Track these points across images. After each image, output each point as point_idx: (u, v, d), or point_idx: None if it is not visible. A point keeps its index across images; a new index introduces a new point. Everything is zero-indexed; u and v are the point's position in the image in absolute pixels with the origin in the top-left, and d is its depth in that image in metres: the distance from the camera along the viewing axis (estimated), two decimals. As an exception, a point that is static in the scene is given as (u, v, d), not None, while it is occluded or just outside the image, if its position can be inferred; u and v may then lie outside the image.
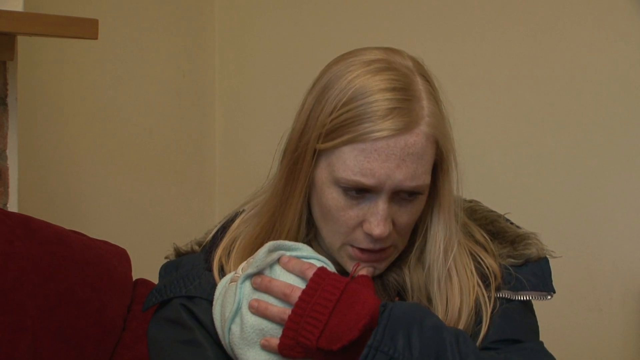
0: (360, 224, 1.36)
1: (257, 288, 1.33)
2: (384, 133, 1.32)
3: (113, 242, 2.05)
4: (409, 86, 1.36)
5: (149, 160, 2.85)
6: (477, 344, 1.39)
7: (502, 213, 1.54)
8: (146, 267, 2.05)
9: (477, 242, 1.47)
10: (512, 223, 1.52)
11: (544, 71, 2.58)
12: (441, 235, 1.41)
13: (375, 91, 1.34)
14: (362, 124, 1.33)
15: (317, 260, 1.35)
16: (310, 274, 1.31)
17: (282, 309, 1.30)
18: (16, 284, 1.81)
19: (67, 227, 2.01)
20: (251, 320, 1.32)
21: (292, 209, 1.40)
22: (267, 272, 1.34)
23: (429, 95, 1.37)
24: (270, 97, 2.96)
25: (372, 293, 1.31)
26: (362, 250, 1.37)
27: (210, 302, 1.39)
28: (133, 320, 1.96)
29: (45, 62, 2.53)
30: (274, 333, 1.31)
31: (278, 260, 1.35)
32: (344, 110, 1.34)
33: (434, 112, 1.36)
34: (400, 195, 1.35)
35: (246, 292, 1.34)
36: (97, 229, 2.39)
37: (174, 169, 2.94)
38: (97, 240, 2.02)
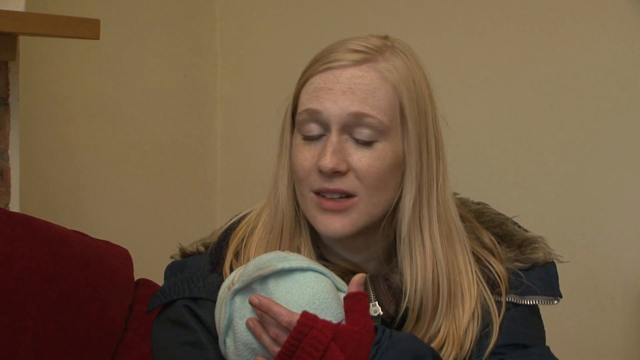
0: (316, 164, 1.37)
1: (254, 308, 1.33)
2: (332, 65, 1.37)
3: (114, 242, 2.05)
4: (378, 47, 1.39)
5: (150, 161, 2.85)
6: (488, 349, 1.39)
7: (510, 216, 1.53)
8: (148, 267, 2.05)
9: (484, 246, 1.46)
10: (519, 226, 1.51)
11: (546, 71, 2.58)
12: (407, 207, 1.38)
13: (335, 42, 1.41)
14: (312, 65, 1.40)
15: (313, 272, 1.33)
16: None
17: (272, 345, 1.29)
18: (17, 284, 1.81)
19: (69, 227, 2.01)
20: (243, 337, 1.32)
21: (283, 190, 1.41)
22: (257, 287, 1.32)
23: (400, 60, 1.39)
24: (271, 98, 2.94)
25: (365, 319, 1.30)
26: (321, 195, 1.36)
27: (214, 302, 1.39)
28: (134, 321, 1.96)
29: (47, 62, 2.53)
30: (266, 354, 1.31)
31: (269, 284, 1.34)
32: (307, 65, 1.41)
33: (399, 68, 1.38)
34: (353, 138, 1.36)
35: (236, 307, 1.33)
36: (98, 229, 2.39)
37: (175, 169, 2.94)
38: (98, 240, 2.02)
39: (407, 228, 1.39)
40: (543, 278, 1.45)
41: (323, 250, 1.44)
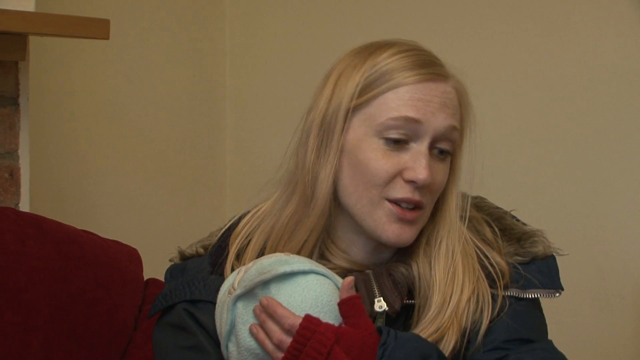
0: (400, 173, 1.37)
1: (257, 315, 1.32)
2: (424, 77, 1.38)
3: (124, 242, 2.06)
4: (427, 51, 1.44)
5: (159, 160, 2.85)
6: (478, 339, 1.39)
7: (509, 210, 1.53)
8: (157, 267, 2.05)
9: (484, 240, 1.46)
10: (518, 220, 1.52)
11: (555, 70, 2.57)
12: (454, 209, 1.43)
13: (398, 52, 1.40)
14: (400, 72, 1.38)
15: (315, 275, 1.33)
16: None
17: (275, 351, 1.29)
18: (28, 283, 1.81)
19: (79, 227, 2.02)
20: (246, 343, 1.32)
21: (326, 180, 1.39)
22: (259, 292, 1.32)
23: (449, 66, 1.44)
24: (281, 97, 2.96)
25: (364, 322, 1.30)
26: (398, 204, 1.37)
27: (215, 305, 1.39)
28: (144, 320, 1.96)
29: (56, 62, 2.53)
30: (269, 359, 1.31)
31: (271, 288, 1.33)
32: (378, 67, 1.39)
33: (458, 76, 1.44)
34: (433, 151, 1.38)
35: (239, 313, 1.33)
36: (108, 229, 2.40)
37: (185, 169, 2.94)
38: (108, 240, 2.02)
39: (442, 237, 1.43)
40: (543, 271, 1.45)
41: (324, 250, 1.44)
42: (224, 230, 1.49)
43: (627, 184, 2.50)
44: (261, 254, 1.42)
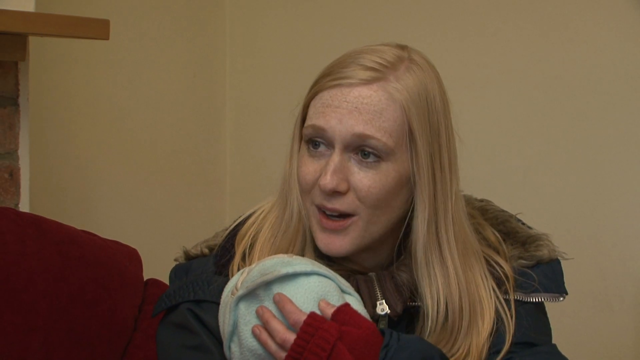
0: (317, 180, 1.36)
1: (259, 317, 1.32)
2: (341, 82, 1.35)
3: (124, 242, 2.06)
4: (391, 64, 1.36)
5: (159, 161, 2.85)
6: (505, 349, 1.38)
7: (514, 213, 1.53)
8: (157, 267, 2.05)
9: (489, 245, 1.46)
10: (523, 223, 1.51)
11: (553, 70, 2.57)
12: (421, 229, 1.38)
13: (348, 54, 1.38)
14: (323, 77, 1.37)
15: (317, 276, 1.33)
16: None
17: (278, 351, 1.29)
18: (27, 284, 1.81)
19: (78, 227, 2.02)
20: (249, 343, 1.32)
21: (294, 190, 1.40)
22: (261, 293, 1.32)
23: (414, 77, 1.36)
24: (281, 98, 2.96)
25: (362, 322, 1.30)
26: (321, 212, 1.36)
27: (219, 305, 1.39)
28: (144, 321, 1.96)
29: (56, 62, 2.53)
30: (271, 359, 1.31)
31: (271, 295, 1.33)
32: (319, 75, 1.39)
33: (410, 87, 1.35)
34: (356, 157, 1.35)
35: (241, 314, 1.33)
36: (108, 229, 2.40)
37: (185, 169, 2.94)
38: (108, 240, 2.02)
39: (423, 249, 1.38)
40: (548, 275, 1.45)
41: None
42: (229, 230, 1.49)
43: (628, 184, 2.50)
44: (266, 255, 1.42)
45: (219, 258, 1.45)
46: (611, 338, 2.52)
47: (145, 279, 2.03)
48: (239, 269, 1.41)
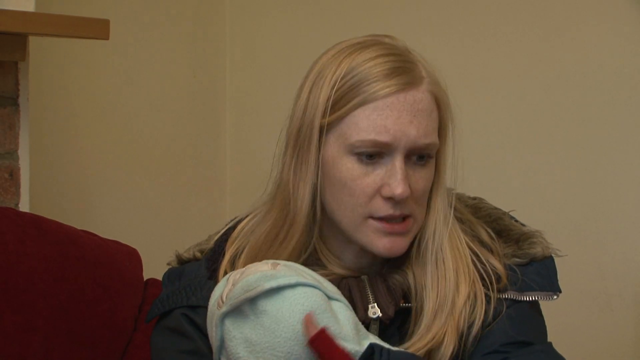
0: (378, 191, 1.34)
1: None
2: (393, 89, 1.33)
3: (124, 242, 2.06)
4: (403, 52, 1.38)
5: (159, 160, 2.85)
6: (469, 340, 1.38)
7: (507, 210, 1.52)
8: (157, 267, 2.05)
9: (482, 243, 1.45)
10: (516, 221, 1.50)
11: (553, 69, 2.57)
12: (440, 210, 1.40)
13: (371, 58, 1.36)
14: (369, 84, 1.34)
15: (302, 287, 1.30)
16: None
17: None
18: (28, 284, 1.81)
19: (78, 227, 2.02)
20: (236, 359, 1.31)
21: (304, 199, 1.37)
22: (246, 309, 1.30)
23: (424, 62, 1.38)
24: (281, 97, 2.94)
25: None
26: (383, 220, 1.35)
27: None
28: (144, 321, 1.97)
29: (56, 62, 2.53)
30: None
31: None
32: (346, 80, 1.35)
33: (432, 75, 1.37)
34: (412, 159, 1.35)
35: (227, 330, 1.31)
36: (108, 229, 2.40)
37: (185, 169, 2.94)
38: (108, 240, 2.03)
39: (418, 249, 1.40)
40: (542, 273, 1.44)
41: (320, 256, 1.42)
42: (220, 234, 1.48)
43: (627, 184, 2.50)
44: (254, 259, 1.40)
45: (211, 262, 1.44)
46: (611, 337, 2.52)
47: (145, 279, 2.04)
48: (226, 273, 1.40)
